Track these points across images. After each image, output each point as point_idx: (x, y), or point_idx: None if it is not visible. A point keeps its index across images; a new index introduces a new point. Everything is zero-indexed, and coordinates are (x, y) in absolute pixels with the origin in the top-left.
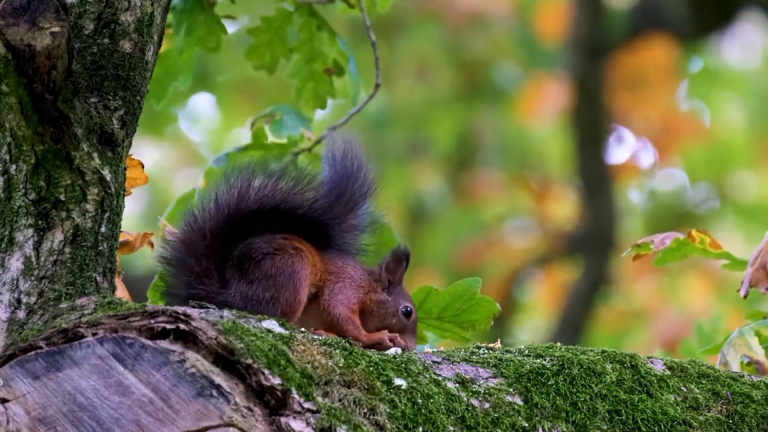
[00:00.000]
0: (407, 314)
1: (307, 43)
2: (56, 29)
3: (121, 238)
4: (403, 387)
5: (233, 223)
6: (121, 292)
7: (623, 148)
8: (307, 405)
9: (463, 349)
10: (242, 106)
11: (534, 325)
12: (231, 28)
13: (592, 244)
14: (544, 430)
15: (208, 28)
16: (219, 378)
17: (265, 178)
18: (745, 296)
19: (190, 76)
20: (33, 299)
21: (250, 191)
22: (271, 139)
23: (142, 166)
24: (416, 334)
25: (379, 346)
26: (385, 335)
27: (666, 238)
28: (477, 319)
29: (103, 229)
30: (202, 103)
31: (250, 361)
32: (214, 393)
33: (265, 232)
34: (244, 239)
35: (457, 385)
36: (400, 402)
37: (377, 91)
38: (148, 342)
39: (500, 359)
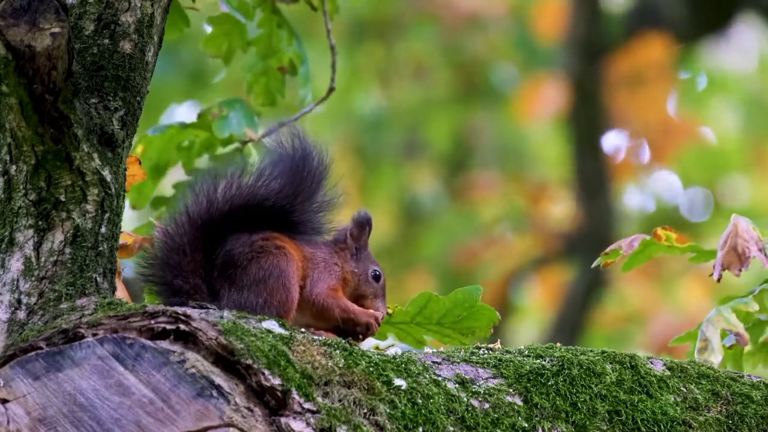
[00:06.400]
0: (376, 278)
1: (266, 39)
2: (56, 30)
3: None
4: (403, 387)
5: (208, 231)
6: (121, 293)
7: (620, 149)
8: (307, 405)
9: (463, 350)
10: None
11: (530, 326)
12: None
13: (589, 246)
14: (543, 430)
15: (170, 20)
16: (219, 378)
17: (228, 177)
18: (719, 280)
19: None
20: (33, 300)
21: (217, 194)
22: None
23: (140, 163)
24: (386, 298)
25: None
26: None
27: (634, 241)
28: (477, 326)
29: (103, 229)
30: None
31: (250, 361)
32: (214, 393)
33: (239, 233)
34: (223, 245)
35: (457, 385)
36: (400, 402)
37: (330, 95)
38: (149, 342)
39: (500, 360)
